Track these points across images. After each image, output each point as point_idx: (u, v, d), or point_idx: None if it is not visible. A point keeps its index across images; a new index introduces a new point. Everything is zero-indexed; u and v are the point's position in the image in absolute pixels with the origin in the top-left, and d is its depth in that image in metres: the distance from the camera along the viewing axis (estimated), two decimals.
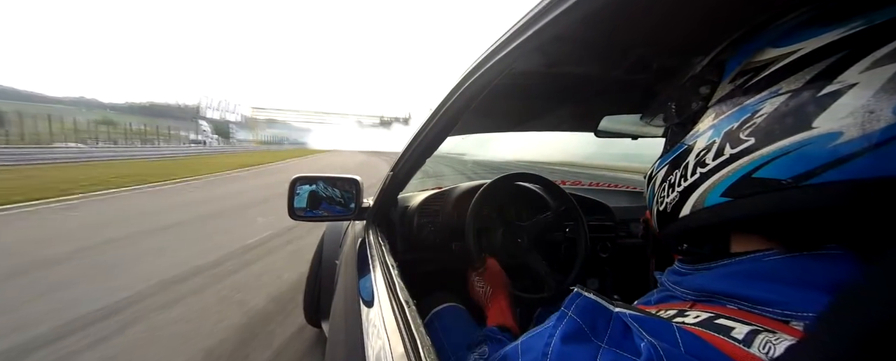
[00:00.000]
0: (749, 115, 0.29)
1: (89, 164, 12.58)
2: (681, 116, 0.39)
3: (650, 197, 0.43)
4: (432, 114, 0.67)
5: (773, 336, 0.24)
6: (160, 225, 4.19)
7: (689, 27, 0.44)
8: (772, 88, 0.29)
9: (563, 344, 0.31)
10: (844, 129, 0.24)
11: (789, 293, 0.27)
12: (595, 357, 0.29)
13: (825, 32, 0.27)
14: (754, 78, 0.30)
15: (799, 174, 0.26)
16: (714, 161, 0.32)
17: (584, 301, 0.33)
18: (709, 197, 0.32)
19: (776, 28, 0.31)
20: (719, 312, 0.29)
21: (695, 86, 0.37)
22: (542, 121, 1.19)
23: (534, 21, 0.40)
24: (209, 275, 2.75)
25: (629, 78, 0.64)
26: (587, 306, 0.33)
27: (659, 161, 0.42)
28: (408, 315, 0.53)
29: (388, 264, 0.76)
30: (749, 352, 0.24)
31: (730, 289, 0.30)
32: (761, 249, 0.30)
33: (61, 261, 2.92)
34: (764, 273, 0.29)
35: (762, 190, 0.28)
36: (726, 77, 0.34)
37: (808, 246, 0.28)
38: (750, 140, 0.29)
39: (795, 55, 0.28)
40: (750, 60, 0.32)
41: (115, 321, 2.05)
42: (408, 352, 0.46)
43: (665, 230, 0.40)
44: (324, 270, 1.63)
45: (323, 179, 1.09)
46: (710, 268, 0.33)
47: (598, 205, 1.34)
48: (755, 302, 0.28)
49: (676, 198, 0.36)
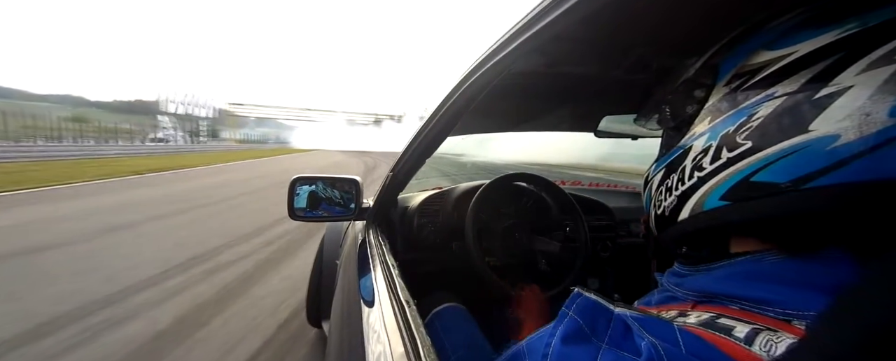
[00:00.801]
0: (745, 119, 0.29)
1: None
2: (676, 120, 0.39)
3: (647, 200, 0.43)
4: (432, 115, 0.68)
5: (774, 334, 0.24)
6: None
7: (689, 27, 0.44)
8: (768, 91, 0.29)
9: (564, 345, 0.31)
10: (841, 132, 0.24)
11: (790, 293, 0.27)
12: (595, 357, 0.29)
13: (820, 34, 0.27)
14: (749, 81, 0.30)
15: (797, 177, 0.26)
16: (711, 164, 0.31)
17: (585, 301, 0.33)
18: (707, 200, 0.32)
19: (770, 30, 0.31)
20: (721, 312, 0.29)
21: (689, 89, 0.37)
22: (541, 121, 1.19)
23: (534, 21, 0.40)
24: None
25: (629, 78, 0.64)
26: (587, 306, 0.33)
27: (655, 164, 0.41)
28: (408, 315, 0.53)
29: (389, 264, 0.76)
30: (750, 351, 0.24)
31: (730, 290, 0.30)
32: (759, 249, 0.30)
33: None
34: (764, 273, 0.29)
35: (761, 194, 0.28)
36: (721, 80, 0.33)
37: (806, 248, 0.28)
38: (747, 143, 0.29)
39: (790, 58, 0.28)
40: (745, 63, 0.31)
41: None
42: (408, 352, 0.46)
43: (663, 233, 0.40)
44: (324, 270, 1.63)
45: (323, 180, 1.09)
46: (710, 270, 0.33)
47: (598, 205, 1.34)
48: (756, 303, 0.28)
49: (674, 202, 0.36)
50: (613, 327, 0.30)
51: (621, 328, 0.30)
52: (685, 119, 0.37)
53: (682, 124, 0.37)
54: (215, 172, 11.00)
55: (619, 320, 0.30)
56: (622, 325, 0.30)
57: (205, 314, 2.15)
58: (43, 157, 14.33)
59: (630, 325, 0.30)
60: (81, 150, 18.29)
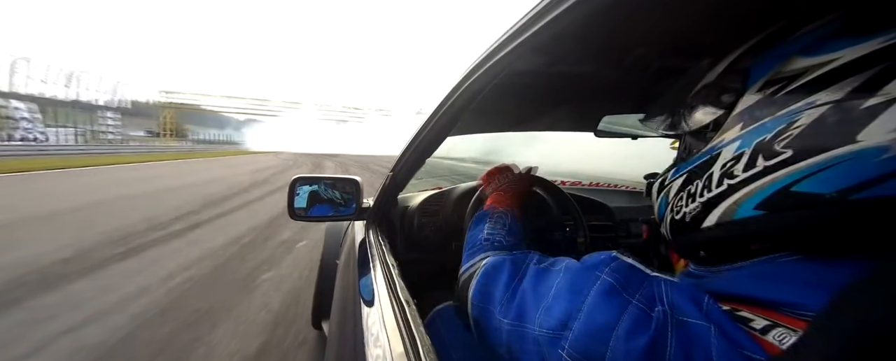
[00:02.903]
0: (784, 126, 0.29)
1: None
2: (698, 124, 0.38)
3: (662, 205, 0.42)
4: (432, 114, 0.68)
5: (791, 331, 0.25)
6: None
7: (690, 27, 0.44)
8: (808, 99, 0.28)
9: (599, 297, 0.34)
10: (892, 144, 0.24)
11: (809, 294, 0.27)
12: (624, 310, 0.32)
13: (863, 42, 0.26)
14: (786, 87, 0.30)
15: (843, 188, 0.25)
16: (745, 172, 0.31)
17: (620, 264, 0.36)
18: (740, 209, 0.31)
19: (805, 37, 0.30)
20: (741, 308, 0.29)
21: (714, 94, 0.36)
22: (541, 121, 1.19)
23: (534, 20, 0.40)
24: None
25: (629, 78, 0.64)
26: (622, 267, 0.35)
27: (674, 170, 0.41)
28: (408, 315, 0.53)
29: (389, 264, 0.76)
30: (764, 338, 0.25)
31: (749, 292, 0.30)
32: (776, 250, 0.31)
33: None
34: (781, 275, 0.29)
35: (801, 204, 0.27)
36: (752, 86, 0.33)
37: (823, 251, 0.28)
38: (786, 152, 0.28)
39: (832, 65, 0.27)
40: (779, 69, 0.31)
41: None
42: (408, 352, 0.46)
43: (681, 238, 0.39)
44: (324, 270, 1.63)
45: (323, 180, 1.10)
46: (729, 271, 0.34)
47: (597, 205, 1.34)
48: (775, 304, 0.28)
49: (698, 209, 0.35)
50: (646, 287, 0.33)
51: (651, 290, 0.32)
52: (710, 124, 0.36)
53: (705, 130, 0.37)
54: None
55: (653, 282, 0.33)
56: (652, 288, 0.32)
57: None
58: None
59: (657, 291, 0.32)
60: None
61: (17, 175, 8.48)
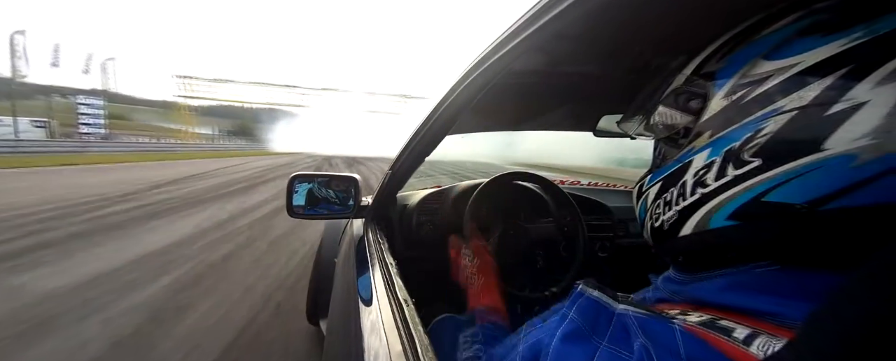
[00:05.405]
0: (751, 134, 0.28)
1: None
2: (669, 131, 0.37)
3: (642, 211, 0.41)
4: (431, 113, 0.67)
5: (774, 339, 0.24)
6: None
7: (691, 25, 0.44)
8: (773, 105, 0.27)
9: (563, 343, 0.32)
10: (860, 153, 0.23)
11: (790, 304, 0.26)
12: (594, 355, 0.30)
13: (824, 44, 0.25)
14: (751, 93, 0.29)
15: (813, 199, 0.25)
16: (716, 181, 0.30)
17: (586, 301, 0.33)
18: (713, 219, 0.30)
19: (767, 39, 0.29)
20: (722, 316, 0.28)
21: (682, 100, 0.35)
22: (540, 120, 1.19)
23: (533, 19, 0.40)
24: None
25: (629, 77, 0.64)
26: (589, 306, 0.33)
27: (650, 176, 0.40)
28: (406, 314, 0.53)
29: (387, 262, 0.76)
30: (748, 352, 0.24)
31: (729, 301, 0.30)
32: (756, 259, 0.30)
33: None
34: (761, 285, 0.28)
35: (773, 214, 0.27)
36: (718, 91, 0.32)
37: (806, 261, 0.27)
38: (755, 161, 0.27)
39: (794, 69, 0.26)
40: (744, 73, 0.30)
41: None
42: (406, 351, 0.46)
43: (661, 245, 0.39)
44: (322, 269, 1.63)
45: (322, 177, 1.10)
46: (707, 279, 0.33)
47: (597, 205, 1.34)
48: (755, 313, 0.27)
49: (675, 217, 0.34)
50: (614, 326, 0.30)
51: (621, 327, 0.30)
52: (681, 131, 0.35)
53: (677, 135, 0.36)
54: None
55: (621, 319, 0.30)
56: (623, 324, 0.30)
57: None
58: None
59: (629, 325, 0.29)
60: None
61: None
